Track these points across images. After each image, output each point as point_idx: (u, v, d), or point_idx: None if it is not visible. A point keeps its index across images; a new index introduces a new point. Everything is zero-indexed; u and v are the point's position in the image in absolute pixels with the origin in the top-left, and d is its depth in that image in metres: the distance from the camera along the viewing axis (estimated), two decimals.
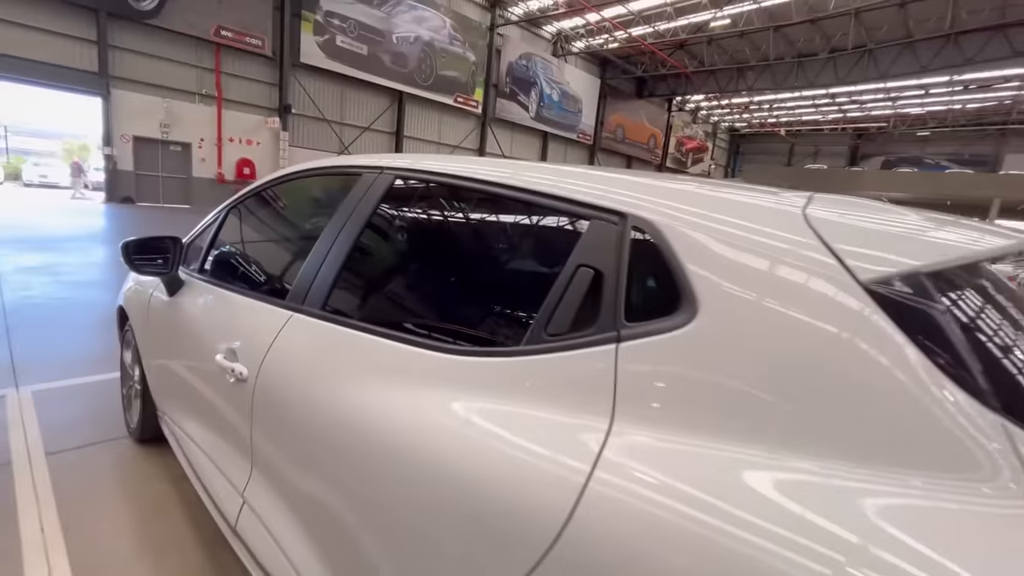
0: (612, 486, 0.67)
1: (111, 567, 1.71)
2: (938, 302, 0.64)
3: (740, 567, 0.56)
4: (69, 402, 2.81)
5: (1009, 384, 0.61)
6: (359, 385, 1.05)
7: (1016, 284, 3.47)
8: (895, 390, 0.60)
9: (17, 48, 12.53)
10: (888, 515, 0.55)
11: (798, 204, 0.77)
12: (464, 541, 0.79)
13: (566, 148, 28.23)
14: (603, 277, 0.82)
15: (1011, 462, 0.55)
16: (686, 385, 0.70)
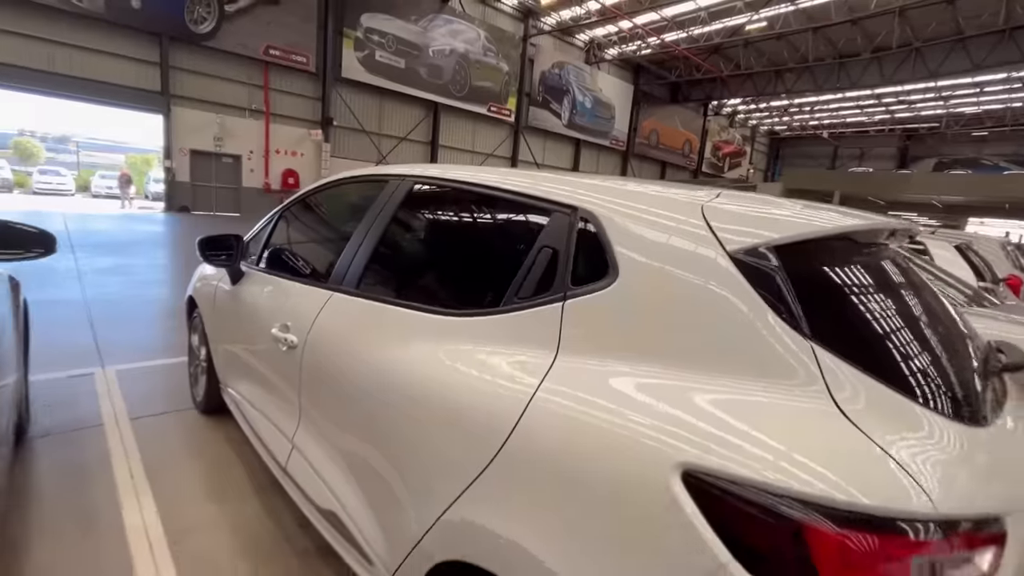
0: (549, 397, 0.95)
1: (186, 503, 2.08)
2: (780, 265, 0.88)
3: (613, 437, 0.83)
4: (145, 379, 3.26)
5: (818, 319, 0.85)
6: (382, 341, 1.36)
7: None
8: (743, 324, 0.85)
9: (91, 71, 13.78)
10: (724, 405, 0.81)
11: (704, 199, 1.03)
12: (455, 442, 1.08)
13: (599, 155, 28.33)
14: (558, 254, 1.10)
15: (812, 372, 0.80)
16: (605, 327, 0.97)
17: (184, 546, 1.85)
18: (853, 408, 0.77)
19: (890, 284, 1.06)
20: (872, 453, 0.72)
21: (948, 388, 0.88)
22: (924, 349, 0.94)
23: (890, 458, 0.71)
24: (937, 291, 1.23)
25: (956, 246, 4.86)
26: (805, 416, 0.77)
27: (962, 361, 1.00)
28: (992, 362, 1.14)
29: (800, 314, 0.84)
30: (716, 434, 0.77)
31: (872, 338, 0.90)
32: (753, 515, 0.70)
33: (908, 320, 0.98)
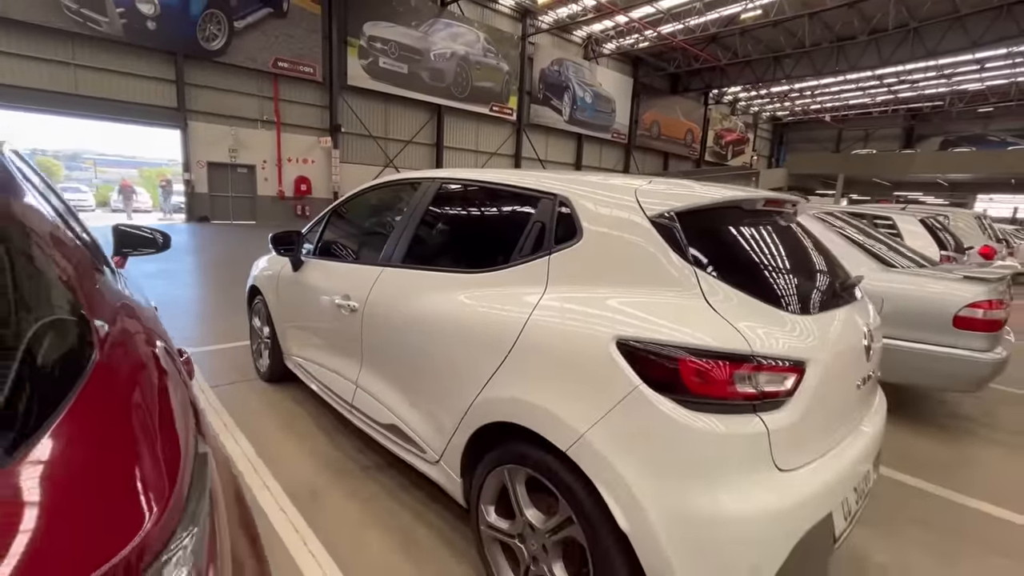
0: (540, 312, 1.51)
1: (271, 441, 2.68)
2: (677, 222, 1.43)
3: (577, 327, 1.39)
4: (209, 360, 3.88)
5: (699, 253, 1.40)
6: (425, 295, 1.94)
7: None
8: (654, 258, 1.41)
9: (113, 91, 14.54)
10: (642, 304, 1.36)
11: (638, 185, 1.58)
12: (481, 350, 1.64)
13: (601, 149, 28.77)
14: (545, 226, 1.66)
15: (693, 283, 1.35)
16: (574, 269, 1.53)
17: (279, 466, 2.44)
18: (716, 302, 1.33)
19: (757, 233, 1.61)
20: (722, 323, 1.27)
21: (782, 292, 1.44)
22: (770, 271, 1.49)
23: (731, 325, 1.27)
24: (804, 241, 1.77)
25: (921, 220, 5.33)
26: (687, 308, 1.33)
27: (800, 279, 1.56)
28: (845, 283, 1.70)
29: (688, 251, 1.40)
30: (636, 318, 1.33)
31: (732, 263, 1.45)
32: (653, 358, 1.26)
33: (760, 254, 1.54)
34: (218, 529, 0.59)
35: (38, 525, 0.43)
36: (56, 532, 0.43)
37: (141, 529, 0.47)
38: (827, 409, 1.40)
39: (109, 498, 0.48)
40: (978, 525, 2.30)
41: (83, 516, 0.45)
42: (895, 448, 3.00)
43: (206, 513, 0.57)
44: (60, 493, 0.45)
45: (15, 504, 0.42)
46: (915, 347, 3.12)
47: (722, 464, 1.22)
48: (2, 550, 0.38)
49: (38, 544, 0.42)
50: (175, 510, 0.52)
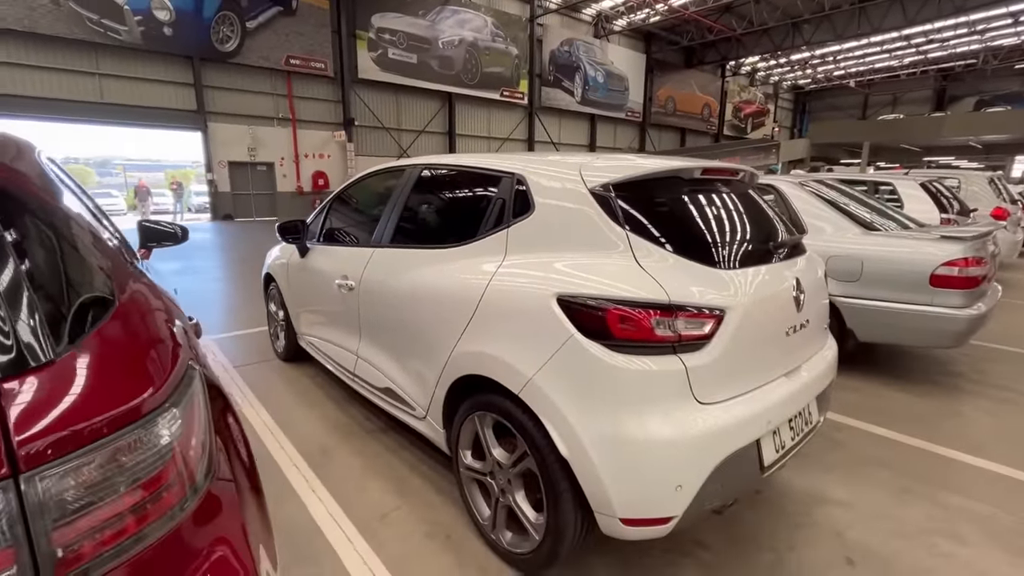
0: (498, 277, 1.72)
1: (288, 409, 2.98)
2: (614, 193, 1.62)
3: (526, 287, 1.60)
4: (234, 344, 4.22)
5: (632, 219, 1.59)
6: (407, 271, 2.16)
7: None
8: (593, 225, 1.60)
9: (136, 98, 15.12)
10: (581, 265, 1.56)
11: (583, 162, 1.77)
12: (453, 313, 1.86)
13: (615, 128, 28.48)
14: (506, 202, 1.87)
15: (625, 246, 1.54)
16: (527, 238, 1.74)
17: (293, 430, 2.74)
18: (644, 261, 1.52)
19: (693, 199, 1.77)
20: (645, 278, 1.47)
21: (707, 250, 1.62)
22: (699, 232, 1.67)
23: (653, 279, 1.46)
24: (746, 206, 1.92)
25: (922, 184, 5.31)
26: (619, 267, 1.52)
27: (730, 239, 1.73)
28: (781, 242, 1.86)
29: (622, 217, 1.59)
30: (574, 277, 1.53)
31: (663, 227, 1.63)
32: (585, 310, 1.46)
33: (692, 218, 1.71)
34: (198, 416, 0.84)
35: (88, 376, 0.73)
36: (99, 382, 0.73)
37: (146, 392, 0.74)
38: (750, 352, 1.58)
39: (126, 374, 0.74)
40: (940, 468, 2.44)
41: (112, 379, 0.72)
42: (877, 403, 3.13)
43: (187, 402, 0.82)
44: (99, 363, 0.72)
45: (77, 365, 0.71)
46: (895, 307, 3.22)
47: (645, 397, 1.42)
48: (68, 388, 0.66)
49: (89, 387, 0.72)
50: (166, 391, 0.77)
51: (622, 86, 27.66)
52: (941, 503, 2.17)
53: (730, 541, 1.91)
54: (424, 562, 1.80)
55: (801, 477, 2.35)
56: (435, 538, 1.92)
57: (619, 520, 1.45)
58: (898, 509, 2.13)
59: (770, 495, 2.20)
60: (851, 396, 3.25)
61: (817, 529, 1.99)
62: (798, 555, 1.85)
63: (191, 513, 0.77)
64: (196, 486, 0.80)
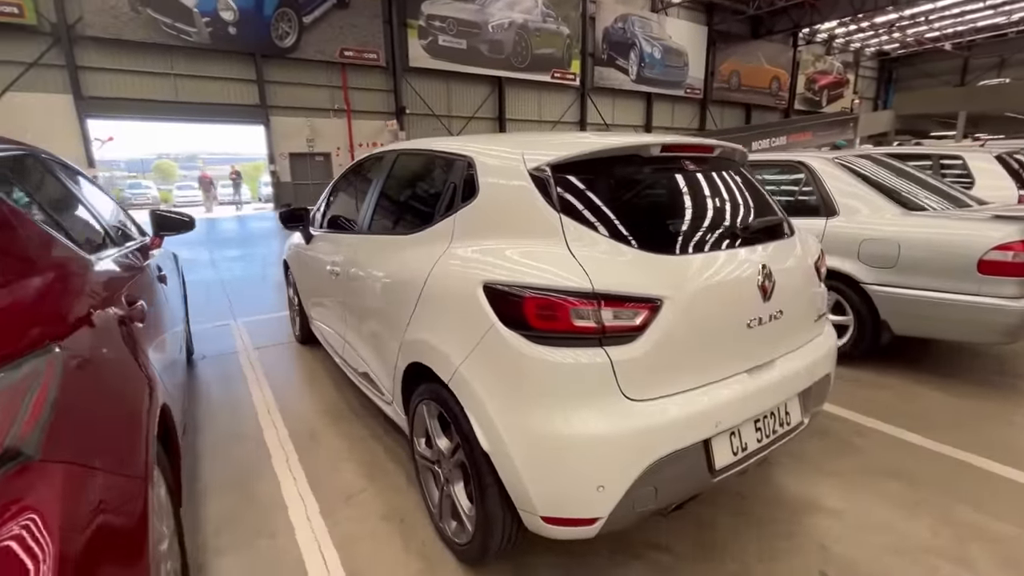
0: (437, 268, 1.68)
1: (290, 390, 3.11)
2: (550, 175, 1.52)
3: (459, 273, 1.54)
4: (261, 326, 4.45)
5: (566, 202, 1.48)
6: (373, 259, 2.16)
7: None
8: (531, 209, 1.51)
9: (205, 95, 16.19)
10: (515, 251, 1.48)
11: (533, 140, 1.67)
12: (404, 297, 1.84)
13: (673, 107, 27.22)
14: (456, 187, 1.81)
15: (558, 230, 1.45)
16: (471, 223, 1.67)
17: (289, 410, 2.86)
18: (577, 246, 1.42)
19: (647, 180, 1.64)
20: (571, 265, 1.37)
21: (650, 235, 1.48)
22: (644, 216, 1.54)
23: (580, 266, 1.36)
24: (714, 187, 1.75)
25: (998, 156, 4.66)
26: (549, 253, 1.43)
27: (683, 223, 1.58)
28: (751, 226, 1.68)
29: (557, 200, 1.49)
30: (502, 264, 1.46)
31: (604, 210, 1.50)
32: (506, 298, 1.39)
33: (640, 201, 1.58)
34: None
35: None
36: None
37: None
38: (695, 345, 1.45)
39: None
40: (968, 481, 2.15)
41: None
42: (911, 405, 2.81)
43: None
44: None
45: None
46: (936, 296, 2.86)
47: (565, 391, 1.34)
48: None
49: None
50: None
51: (681, 62, 26.32)
52: (956, 520, 1.91)
53: (695, 546, 1.79)
54: (371, 544, 1.82)
55: (798, 482, 2.15)
56: (390, 521, 1.94)
57: (540, 518, 1.39)
58: (903, 523, 1.90)
59: (755, 500, 2.04)
60: (881, 395, 2.94)
61: (799, 540, 1.82)
62: (767, 568, 1.69)
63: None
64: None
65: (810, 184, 3.47)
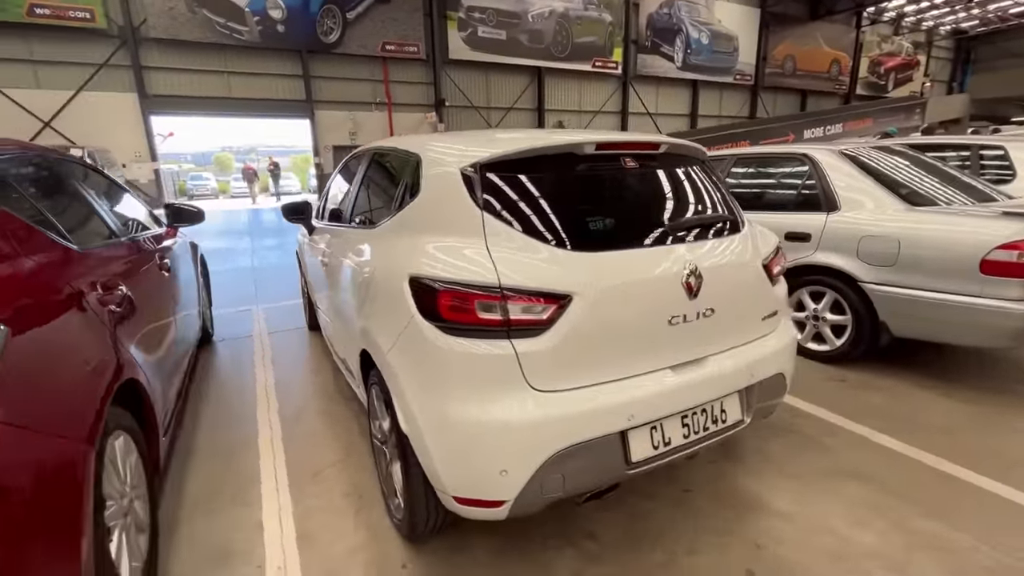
0: (381, 260, 1.78)
1: (290, 373, 3.34)
2: (477, 173, 1.58)
3: (393, 267, 1.64)
4: (280, 313, 4.74)
5: (488, 200, 1.54)
6: (346, 250, 2.30)
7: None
8: (460, 207, 1.58)
9: (256, 91, 16.99)
10: (440, 247, 1.56)
11: (475, 138, 1.74)
12: (358, 287, 1.96)
13: (721, 94, 26.18)
14: (408, 184, 1.90)
15: (479, 227, 1.51)
16: (413, 220, 1.76)
17: (285, 391, 3.08)
18: (493, 242, 1.48)
19: (577, 178, 1.67)
20: (483, 260, 1.44)
21: (566, 232, 1.52)
22: (564, 214, 1.57)
23: (491, 262, 1.43)
24: (649, 184, 1.76)
25: None
26: (468, 248, 1.50)
27: (605, 220, 1.62)
28: (684, 223, 1.69)
29: (480, 198, 1.55)
30: (426, 259, 1.54)
31: (525, 208, 1.56)
32: (423, 291, 1.47)
33: (563, 198, 1.61)
34: None
35: None
36: None
37: None
38: (608, 340, 1.48)
39: None
40: (940, 489, 2.06)
41: None
42: (902, 408, 2.69)
43: None
44: None
45: None
46: (936, 297, 2.72)
47: (472, 380, 1.41)
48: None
49: None
50: None
51: (730, 47, 25.24)
52: (910, 527, 1.85)
53: (625, 536, 1.83)
54: (326, 517, 1.97)
55: (753, 480, 2.13)
56: (349, 498, 2.08)
57: (452, 498, 1.48)
58: (851, 528, 1.86)
59: (701, 495, 2.04)
60: (870, 396, 2.83)
61: (735, 538, 1.82)
62: (694, 561, 1.72)
63: None
64: None
65: (813, 177, 3.34)
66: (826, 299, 3.23)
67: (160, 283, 2.45)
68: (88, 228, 2.03)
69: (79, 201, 2.15)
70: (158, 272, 2.46)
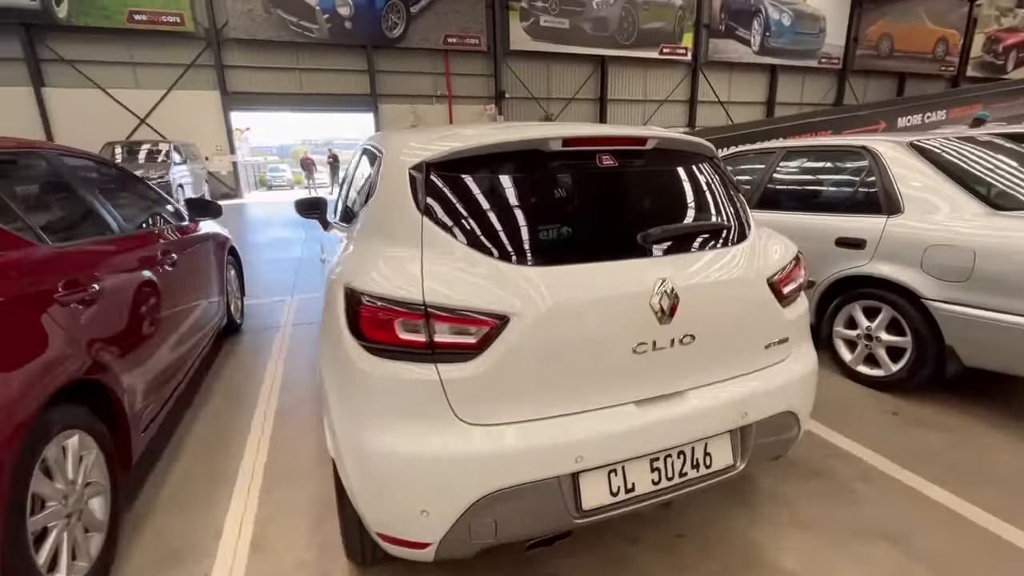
0: (334, 268, 1.67)
1: (303, 367, 3.35)
2: (423, 173, 1.42)
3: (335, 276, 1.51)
4: (311, 304, 4.84)
5: (426, 203, 1.37)
6: (330, 245, 2.21)
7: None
8: (403, 208, 1.43)
9: (324, 86, 17.70)
10: (381, 254, 1.42)
11: (434, 135, 1.58)
12: None
13: (803, 80, 24.18)
14: (372, 185, 1.77)
15: (418, 233, 1.35)
16: (367, 222, 1.63)
17: (288, 388, 3.09)
18: (429, 253, 1.32)
19: (529, 180, 1.46)
20: (413, 273, 1.28)
21: (514, 244, 1.33)
22: (506, 219, 1.38)
23: (421, 275, 1.26)
24: (625, 188, 1.51)
25: None
26: (402, 257, 1.35)
27: (564, 229, 1.40)
28: (654, 235, 1.43)
29: (423, 201, 1.39)
30: (362, 267, 1.40)
31: (464, 213, 1.37)
32: (351, 304, 1.33)
33: (520, 204, 1.41)
34: None
35: None
36: None
37: None
38: (555, 369, 1.28)
39: None
40: (982, 555, 1.67)
41: None
42: (965, 454, 2.25)
43: None
44: None
45: None
46: (1015, 322, 2.23)
47: (394, 408, 1.26)
48: None
49: None
50: None
51: (816, 28, 23.20)
52: None
53: None
54: (286, 525, 1.90)
55: (757, 530, 1.83)
56: (315, 504, 2.01)
57: (376, 534, 1.34)
58: None
59: (692, 543, 1.78)
60: (928, 437, 2.39)
61: None
62: None
63: None
64: None
65: (873, 174, 2.88)
66: (882, 316, 2.78)
67: (158, 277, 2.47)
68: (71, 225, 2.07)
69: (68, 198, 2.18)
70: (157, 266, 2.50)
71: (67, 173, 2.21)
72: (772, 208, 3.36)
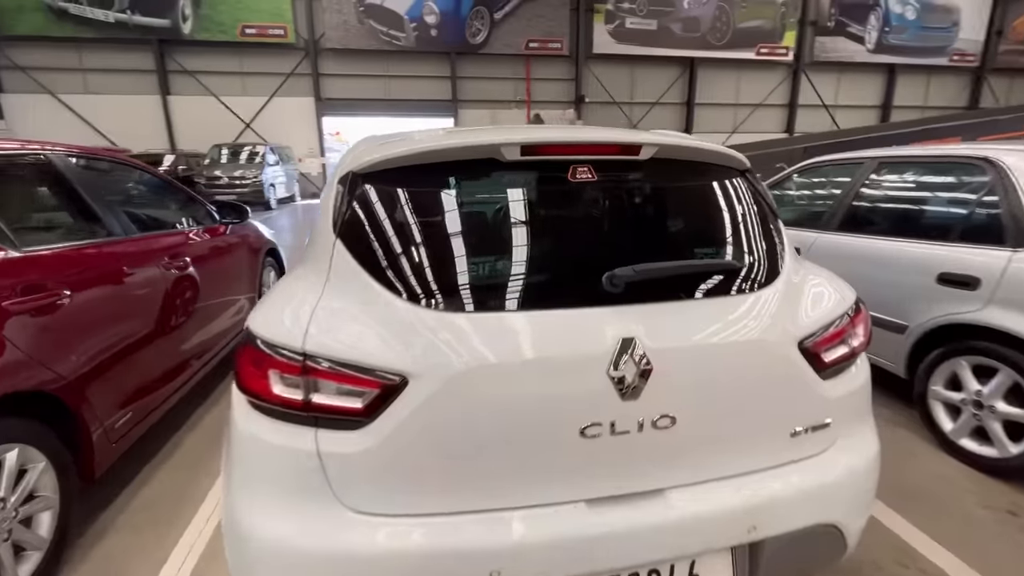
0: None
1: None
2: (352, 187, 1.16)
3: None
4: None
5: (343, 224, 1.11)
6: None
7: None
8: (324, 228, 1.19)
9: (409, 93, 18.32)
10: (285, 286, 1.18)
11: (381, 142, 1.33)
12: None
13: (928, 80, 21.35)
14: None
15: (327, 265, 1.10)
16: (311, 240, 1.40)
17: None
18: (334, 287, 1.06)
19: (477, 197, 1.16)
20: (301, 312, 1.02)
21: (430, 281, 1.03)
22: (431, 249, 1.08)
23: (308, 315, 1.01)
24: (594, 213, 1.15)
25: None
26: (303, 288, 1.10)
27: (479, 264, 1.08)
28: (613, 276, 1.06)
29: (339, 218, 1.13)
30: (268, 299, 1.18)
31: (370, 241, 1.09)
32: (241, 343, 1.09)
33: (441, 227, 1.10)
34: None
35: None
36: None
37: None
38: (472, 449, 0.96)
39: None
40: None
41: None
42: None
43: None
44: None
45: None
46: None
47: (266, 480, 1.01)
48: None
49: None
50: None
51: (948, 21, 20.41)
52: None
53: None
54: None
55: None
56: None
57: None
58: None
59: None
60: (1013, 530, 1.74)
61: None
62: None
63: None
64: None
65: (996, 193, 2.22)
66: (999, 380, 2.13)
67: (156, 282, 2.40)
68: (55, 228, 2.05)
69: (58, 202, 2.15)
70: (157, 271, 2.41)
71: (63, 176, 2.15)
72: (856, 231, 2.76)
